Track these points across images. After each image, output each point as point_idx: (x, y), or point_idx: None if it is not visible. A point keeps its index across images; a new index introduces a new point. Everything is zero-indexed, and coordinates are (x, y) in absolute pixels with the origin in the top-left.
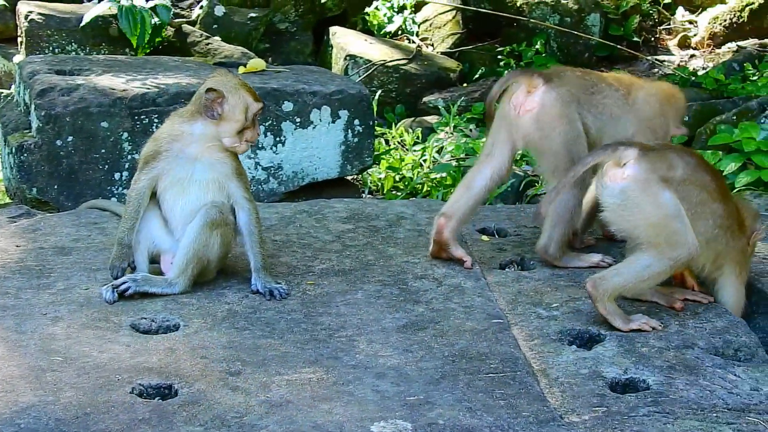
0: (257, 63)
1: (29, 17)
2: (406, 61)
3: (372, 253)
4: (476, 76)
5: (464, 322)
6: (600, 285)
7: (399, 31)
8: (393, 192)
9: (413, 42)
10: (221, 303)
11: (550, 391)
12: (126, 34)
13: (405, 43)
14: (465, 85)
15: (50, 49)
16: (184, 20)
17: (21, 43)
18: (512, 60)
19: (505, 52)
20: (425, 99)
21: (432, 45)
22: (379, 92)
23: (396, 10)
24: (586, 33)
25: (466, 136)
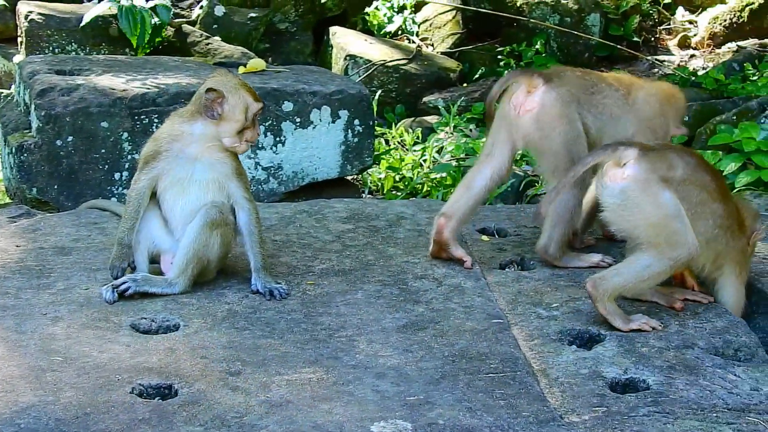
0: (257, 63)
1: (29, 17)
2: (406, 61)
3: (372, 253)
4: (476, 76)
5: (464, 322)
6: (600, 285)
7: (399, 31)
8: (393, 192)
9: (413, 42)
10: (221, 303)
11: (550, 391)
12: (126, 34)
13: (405, 43)
14: (465, 85)
15: (50, 49)
16: (184, 20)
17: (21, 43)
18: (512, 60)
19: (505, 52)
20: (425, 99)
21: (432, 45)
22: (379, 92)
23: (396, 10)
24: (586, 33)
25: (466, 136)
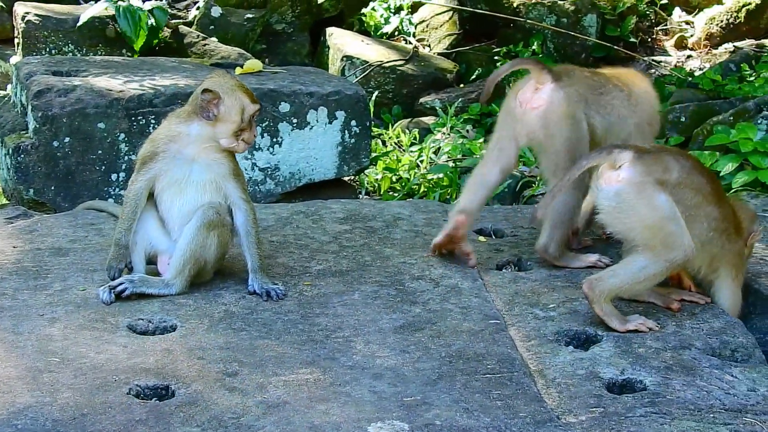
0: (254, 64)
1: (26, 18)
2: (403, 62)
3: (369, 254)
4: (473, 77)
5: (461, 323)
6: (596, 286)
7: (396, 32)
8: (390, 193)
9: (410, 43)
10: (218, 304)
11: (547, 392)
12: (125, 34)
13: (402, 44)
14: (462, 86)
15: (47, 50)
16: (181, 21)
17: (18, 44)
18: (509, 61)
19: (502, 53)
20: (422, 100)
21: (429, 46)
22: (376, 93)
23: (393, 11)
24: (583, 34)
25: (463, 137)
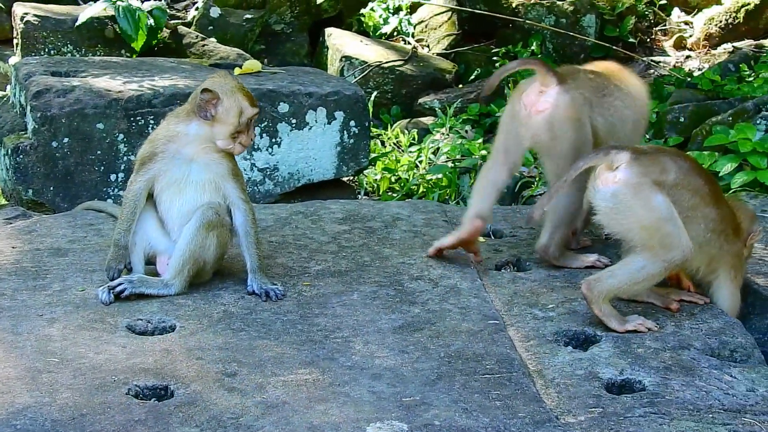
0: (253, 64)
1: (25, 19)
2: (402, 63)
3: (368, 254)
4: (472, 77)
5: (460, 323)
6: (595, 287)
7: (394, 33)
8: (389, 193)
9: (409, 43)
10: (217, 304)
11: (546, 392)
12: (126, 34)
13: (401, 45)
14: (461, 87)
15: (46, 51)
16: (180, 21)
17: (17, 45)
18: (508, 61)
19: (501, 53)
20: (421, 100)
21: (427, 46)
22: (375, 93)
23: (392, 12)
24: (582, 34)
25: (462, 138)
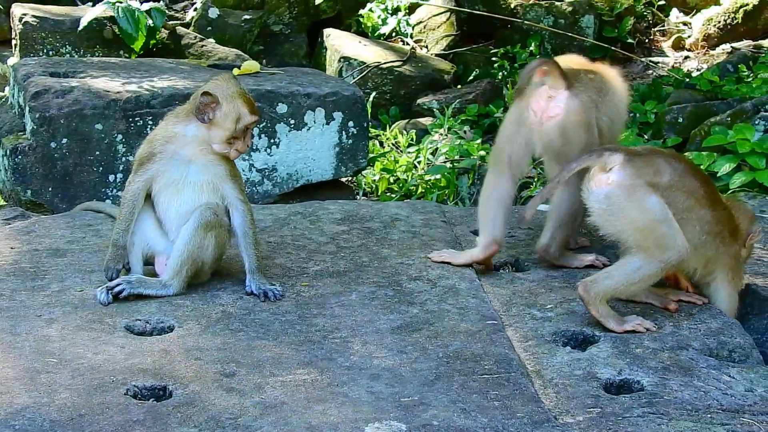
0: (251, 65)
1: (23, 19)
2: (401, 63)
3: (366, 255)
4: (470, 78)
5: (458, 324)
6: (591, 288)
7: (393, 33)
8: (387, 194)
9: (407, 44)
10: (216, 304)
11: (545, 392)
12: (126, 34)
13: (399, 45)
14: (459, 87)
15: (44, 52)
16: (178, 22)
17: (15, 46)
18: (506, 62)
19: (499, 54)
20: (419, 101)
21: (426, 47)
22: (374, 94)
23: (390, 12)
24: (580, 35)
25: (461, 138)
